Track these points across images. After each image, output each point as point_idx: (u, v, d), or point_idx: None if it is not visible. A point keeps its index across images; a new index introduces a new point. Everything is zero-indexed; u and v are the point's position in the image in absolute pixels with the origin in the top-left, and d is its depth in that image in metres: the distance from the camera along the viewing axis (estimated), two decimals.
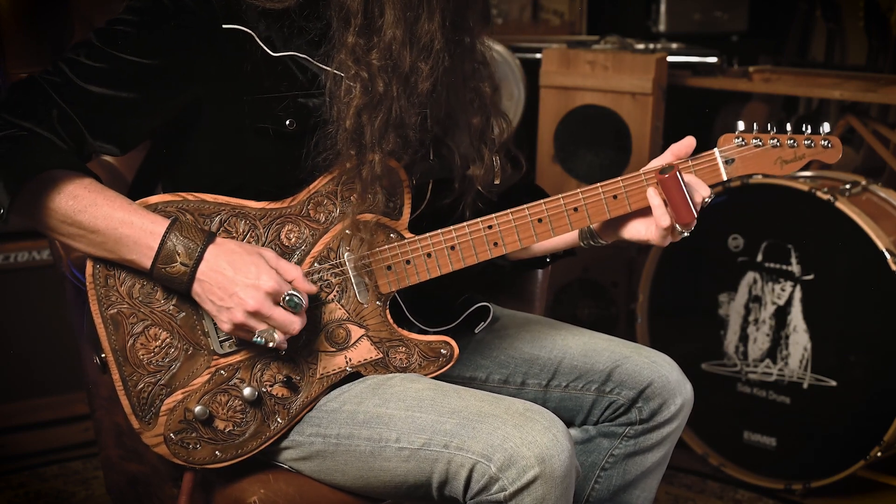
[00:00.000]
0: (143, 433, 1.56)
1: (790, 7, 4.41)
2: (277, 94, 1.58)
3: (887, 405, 2.62)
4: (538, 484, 1.46)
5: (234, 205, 1.59)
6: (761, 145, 1.65)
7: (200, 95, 1.57)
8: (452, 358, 1.66)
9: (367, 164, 1.57)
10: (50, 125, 1.49)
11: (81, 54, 1.53)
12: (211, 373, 1.57)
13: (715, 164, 1.65)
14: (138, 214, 1.51)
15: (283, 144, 1.59)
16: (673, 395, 1.74)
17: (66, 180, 1.49)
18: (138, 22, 1.54)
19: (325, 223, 1.62)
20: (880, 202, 2.80)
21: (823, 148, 1.67)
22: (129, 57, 1.52)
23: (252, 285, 1.50)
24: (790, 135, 1.67)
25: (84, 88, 1.51)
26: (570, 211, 1.64)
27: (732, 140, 1.65)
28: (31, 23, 1.88)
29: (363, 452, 1.56)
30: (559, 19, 4.01)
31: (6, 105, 1.51)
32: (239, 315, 1.51)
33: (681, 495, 2.82)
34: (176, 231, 1.51)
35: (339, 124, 1.56)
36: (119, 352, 1.55)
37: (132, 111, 1.54)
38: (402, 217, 1.64)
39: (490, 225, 1.63)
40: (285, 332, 1.53)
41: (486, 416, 1.50)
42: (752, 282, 2.81)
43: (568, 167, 3.11)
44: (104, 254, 1.53)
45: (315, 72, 1.60)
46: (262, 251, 1.55)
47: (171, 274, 1.51)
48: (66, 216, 1.50)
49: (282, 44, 1.59)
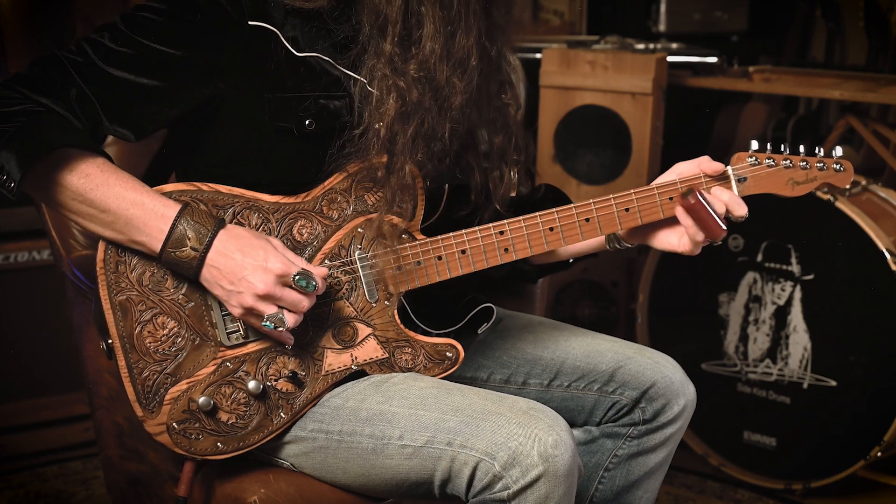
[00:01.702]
0: (145, 421, 1.56)
1: (790, 7, 4.41)
2: (299, 94, 1.58)
3: (887, 405, 2.62)
4: (542, 482, 1.46)
5: (248, 197, 1.60)
6: (774, 165, 1.68)
7: (222, 90, 1.57)
8: (457, 361, 1.66)
9: (395, 173, 1.58)
10: (67, 104, 1.50)
11: (106, 37, 1.53)
12: (217, 364, 1.58)
13: (727, 182, 1.67)
14: (150, 196, 1.51)
15: (301, 144, 1.59)
16: (676, 395, 1.74)
17: (79, 158, 1.49)
18: (166, 11, 1.54)
19: (338, 220, 1.63)
20: (880, 202, 2.80)
21: (835, 171, 1.70)
22: (153, 45, 1.52)
23: (261, 268, 1.51)
24: (803, 156, 1.70)
25: (105, 71, 1.52)
26: (582, 221, 1.65)
27: (745, 159, 1.68)
28: (31, 22, 1.88)
29: (365, 449, 1.56)
30: (559, 19, 4.01)
31: (25, 79, 1.51)
32: (249, 299, 1.51)
33: (681, 495, 2.82)
34: (187, 216, 1.51)
35: (371, 130, 1.56)
36: (126, 338, 1.56)
37: (151, 98, 1.54)
38: (415, 218, 1.64)
39: (502, 231, 1.64)
40: (294, 310, 1.53)
41: (489, 414, 1.51)
42: (752, 282, 2.81)
43: (568, 167, 3.11)
44: (113, 234, 1.53)
45: (338, 75, 1.60)
46: (270, 238, 1.55)
47: (180, 258, 1.51)
48: (77, 193, 1.50)
49: (307, 44, 1.59)
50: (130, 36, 1.52)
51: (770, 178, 1.68)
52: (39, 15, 1.90)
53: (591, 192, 3.10)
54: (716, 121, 3.81)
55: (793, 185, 1.69)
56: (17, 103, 1.48)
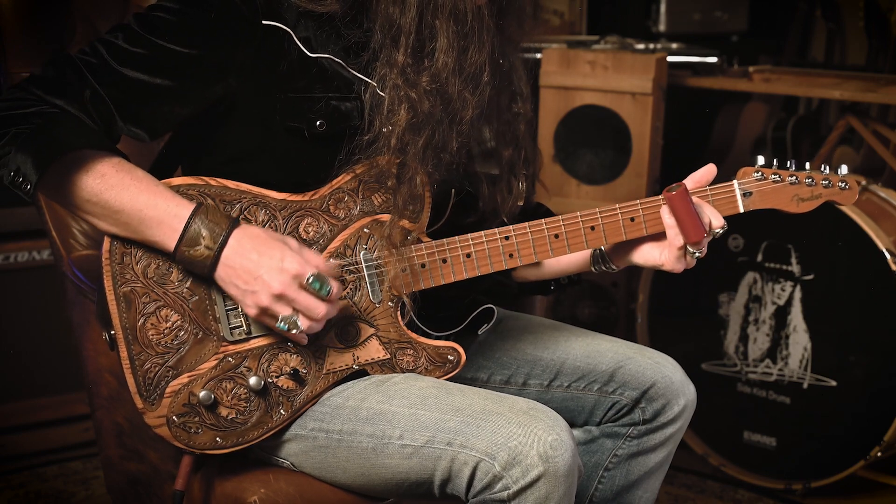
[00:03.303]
0: (145, 413, 1.56)
1: (790, 7, 4.41)
2: (310, 95, 1.58)
3: (887, 405, 2.62)
4: (542, 482, 1.46)
5: (256, 193, 1.60)
6: (780, 181, 1.69)
7: (234, 88, 1.57)
8: (459, 365, 1.66)
9: (406, 182, 1.58)
10: (81, 105, 1.50)
11: (119, 37, 1.53)
12: (219, 359, 1.58)
13: (733, 196, 1.67)
14: (164, 196, 1.51)
15: (311, 145, 1.60)
16: (676, 395, 1.74)
17: (95, 159, 1.50)
18: (179, 10, 1.54)
19: (345, 220, 1.63)
20: (880, 202, 2.80)
21: (840, 189, 1.71)
22: (167, 45, 1.53)
23: (277, 268, 1.51)
24: (808, 172, 1.70)
25: (119, 71, 1.52)
26: (587, 229, 1.65)
27: (752, 174, 1.68)
28: (31, 22, 1.88)
29: (365, 449, 1.56)
30: (559, 19, 4.01)
31: (40, 81, 1.51)
32: (264, 298, 1.51)
33: (681, 495, 2.82)
34: (201, 215, 1.51)
35: (381, 139, 1.57)
36: (129, 330, 1.55)
37: (165, 98, 1.55)
38: (421, 220, 1.64)
39: (507, 236, 1.64)
40: (309, 316, 1.53)
41: (489, 415, 1.51)
42: (752, 282, 2.81)
43: (568, 167, 3.11)
44: (129, 234, 1.53)
45: (350, 78, 1.60)
46: (285, 238, 1.55)
47: (194, 257, 1.51)
48: (92, 195, 1.50)
49: (319, 46, 1.59)
50: (144, 36, 1.53)
51: (775, 194, 1.68)
52: (39, 15, 1.89)
53: (591, 193, 3.10)
54: (716, 121, 3.81)
55: (798, 201, 1.70)
56: (31, 105, 1.49)
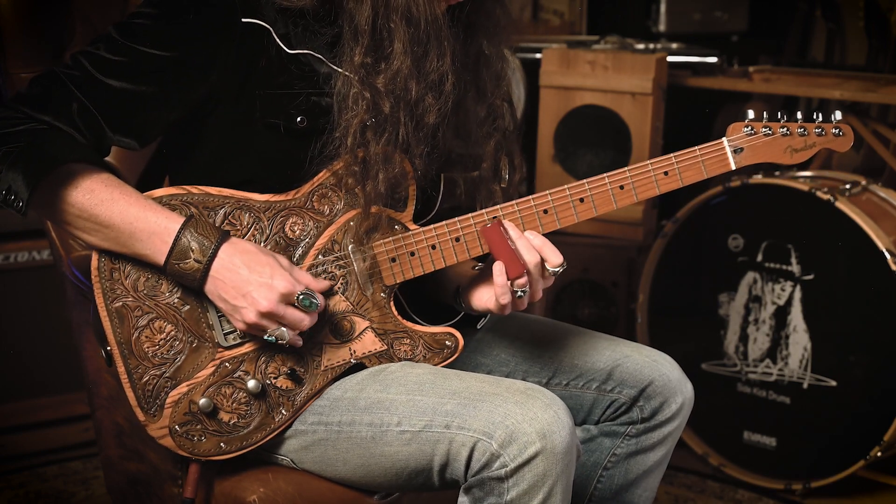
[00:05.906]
0: (148, 425, 1.57)
1: (790, 7, 4.41)
2: (291, 91, 1.59)
3: (887, 405, 2.62)
4: (539, 460, 1.46)
5: (239, 197, 1.60)
6: (771, 134, 1.61)
7: (217, 88, 1.57)
8: (457, 349, 1.66)
9: (370, 180, 1.58)
10: (69, 119, 1.51)
11: (101, 48, 1.54)
12: (216, 365, 1.58)
13: (723, 154, 1.61)
14: (153, 210, 1.52)
15: (293, 141, 1.60)
16: (674, 393, 1.74)
17: (84, 175, 1.51)
18: (157, 14, 1.55)
19: (330, 215, 1.63)
20: (880, 202, 2.80)
21: (834, 136, 1.63)
22: (148, 49, 1.53)
23: (266, 285, 1.51)
24: (800, 123, 1.63)
25: (103, 82, 1.52)
26: (576, 202, 1.63)
27: (741, 129, 1.61)
28: (31, 23, 1.88)
29: (365, 438, 1.56)
30: (559, 19, 4.01)
31: (26, 98, 1.52)
32: (252, 315, 1.52)
33: (681, 495, 2.82)
34: (191, 228, 1.52)
35: (343, 137, 1.57)
36: (124, 344, 1.56)
37: (151, 105, 1.55)
38: (407, 209, 1.64)
39: (495, 216, 1.63)
40: (296, 329, 1.55)
41: (486, 395, 1.51)
42: (752, 282, 2.81)
43: (568, 167, 3.11)
44: (118, 248, 1.54)
45: (329, 72, 1.60)
46: (276, 255, 1.56)
47: (184, 270, 1.52)
48: (82, 210, 1.51)
49: (298, 42, 1.59)
50: (125, 44, 1.53)
51: (767, 147, 1.61)
52: (39, 15, 1.90)
53: None
54: (716, 121, 3.81)
55: (791, 152, 1.62)
56: (20, 123, 1.49)
